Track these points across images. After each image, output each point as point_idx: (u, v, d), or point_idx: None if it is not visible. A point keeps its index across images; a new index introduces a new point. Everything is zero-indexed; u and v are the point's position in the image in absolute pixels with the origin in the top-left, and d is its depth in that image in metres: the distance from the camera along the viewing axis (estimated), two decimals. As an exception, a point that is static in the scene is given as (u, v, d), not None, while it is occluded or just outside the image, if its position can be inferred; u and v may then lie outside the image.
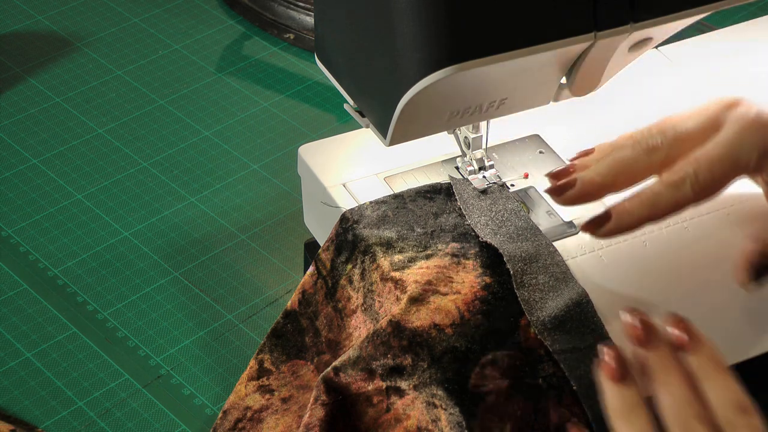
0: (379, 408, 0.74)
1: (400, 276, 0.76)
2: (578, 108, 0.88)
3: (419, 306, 0.74)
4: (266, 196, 1.03)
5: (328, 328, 0.80)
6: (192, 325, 0.92)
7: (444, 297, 0.75)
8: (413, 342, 0.73)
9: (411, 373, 0.73)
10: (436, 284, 0.75)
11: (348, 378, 0.75)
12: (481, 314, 0.74)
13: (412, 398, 0.73)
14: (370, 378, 0.75)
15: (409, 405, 0.73)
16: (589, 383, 0.72)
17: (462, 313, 0.74)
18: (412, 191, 0.83)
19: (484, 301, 0.75)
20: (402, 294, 0.75)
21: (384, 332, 0.74)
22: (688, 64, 0.96)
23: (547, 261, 0.77)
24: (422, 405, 0.73)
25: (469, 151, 0.84)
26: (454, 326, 0.74)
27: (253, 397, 0.80)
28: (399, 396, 0.74)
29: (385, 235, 0.79)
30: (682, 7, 0.73)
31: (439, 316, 0.74)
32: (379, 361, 0.74)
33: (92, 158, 1.07)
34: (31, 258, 0.97)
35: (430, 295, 0.75)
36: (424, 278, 0.75)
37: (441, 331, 0.73)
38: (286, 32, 1.20)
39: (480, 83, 0.73)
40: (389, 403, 0.74)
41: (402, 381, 0.74)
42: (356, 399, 0.75)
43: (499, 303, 0.75)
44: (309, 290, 0.81)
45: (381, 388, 0.74)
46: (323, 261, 0.81)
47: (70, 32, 1.21)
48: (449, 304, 0.74)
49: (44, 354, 0.90)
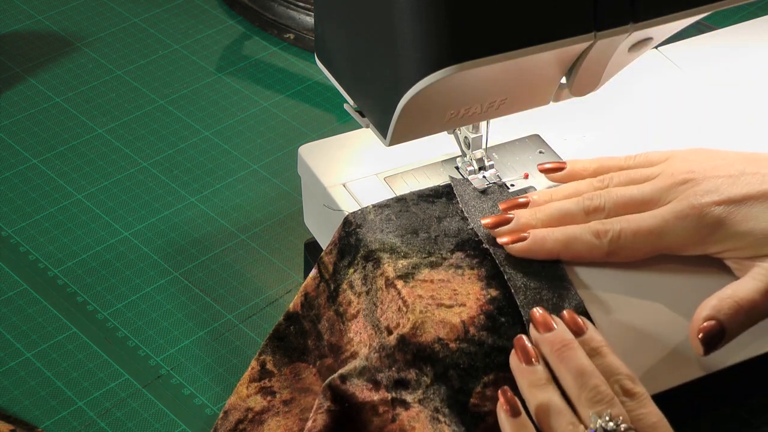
0: (384, 418, 0.74)
1: (404, 288, 0.76)
2: (578, 108, 0.88)
3: (424, 319, 0.74)
4: (266, 196, 1.03)
5: (330, 331, 0.80)
6: (192, 325, 0.92)
7: (449, 310, 0.74)
8: (417, 356, 0.73)
9: (415, 387, 0.73)
10: (439, 297, 0.75)
11: (354, 387, 0.75)
12: (486, 330, 0.74)
13: (417, 411, 0.73)
14: (375, 388, 0.74)
15: (414, 417, 0.73)
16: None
17: (467, 328, 0.74)
18: (414, 194, 0.82)
19: (490, 317, 0.74)
20: (405, 306, 0.75)
21: (389, 345, 0.74)
22: (688, 64, 0.96)
23: (551, 274, 0.77)
24: (426, 419, 0.72)
25: (469, 151, 0.84)
26: (458, 341, 0.73)
27: (255, 399, 0.80)
28: (404, 408, 0.73)
29: (389, 240, 0.79)
30: (682, 7, 0.73)
31: (444, 330, 0.73)
32: (384, 373, 0.74)
33: (92, 158, 1.07)
34: (31, 258, 0.97)
35: (434, 309, 0.74)
36: (428, 293, 0.75)
37: (445, 346, 0.73)
38: (286, 32, 1.20)
39: (480, 83, 0.73)
40: (395, 413, 0.74)
41: (407, 394, 0.73)
42: (362, 407, 0.75)
43: (504, 319, 0.75)
44: (311, 293, 0.81)
45: (387, 399, 0.74)
46: (326, 264, 0.81)
47: (70, 32, 1.21)
48: (454, 318, 0.74)
49: (44, 354, 0.90)
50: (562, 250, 0.77)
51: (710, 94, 0.93)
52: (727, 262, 0.78)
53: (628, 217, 0.78)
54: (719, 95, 0.93)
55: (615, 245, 0.77)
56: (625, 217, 0.78)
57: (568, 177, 0.83)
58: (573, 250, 0.77)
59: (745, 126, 0.90)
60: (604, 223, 0.77)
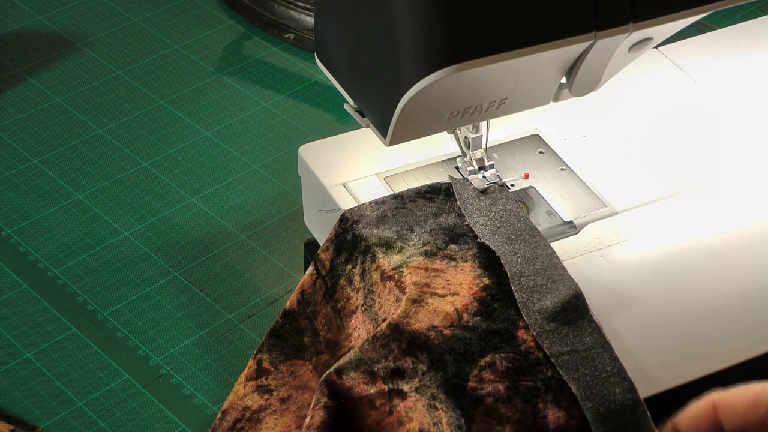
0: (381, 411, 0.74)
1: (399, 277, 0.76)
2: (578, 108, 0.88)
3: (418, 308, 0.74)
4: (266, 196, 1.03)
5: (327, 328, 0.80)
6: (192, 325, 0.92)
7: (442, 299, 0.75)
8: (412, 344, 0.73)
9: (411, 376, 0.73)
10: (433, 287, 0.75)
11: (350, 381, 0.75)
12: (480, 316, 0.74)
13: (414, 401, 0.73)
14: (372, 381, 0.75)
15: (411, 407, 0.73)
16: (587, 385, 0.72)
17: (460, 315, 0.74)
18: (411, 191, 0.83)
19: (483, 303, 0.75)
20: (401, 294, 0.75)
21: (384, 335, 0.74)
22: (688, 64, 0.96)
23: (545, 263, 0.77)
24: (424, 408, 0.73)
25: (469, 151, 0.84)
26: (452, 328, 0.73)
27: (252, 397, 0.80)
28: (401, 399, 0.74)
29: (385, 235, 0.79)
30: (682, 7, 0.72)
31: (437, 318, 0.74)
32: (380, 364, 0.74)
33: (92, 158, 1.07)
34: (31, 258, 0.97)
35: (428, 297, 0.75)
36: (423, 280, 0.75)
37: (439, 333, 0.73)
38: (286, 32, 1.20)
39: (480, 83, 0.73)
40: (392, 405, 0.74)
41: (403, 384, 0.74)
42: (359, 402, 0.75)
43: (498, 305, 0.75)
44: (308, 290, 0.81)
45: (383, 390, 0.74)
46: (322, 261, 0.81)
47: (70, 32, 1.21)
48: (447, 306, 0.74)
49: (44, 354, 0.90)
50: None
51: (710, 94, 0.93)
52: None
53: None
54: (719, 95, 0.93)
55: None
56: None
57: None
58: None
59: (745, 126, 0.90)
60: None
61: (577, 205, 0.84)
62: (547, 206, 0.84)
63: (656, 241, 0.81)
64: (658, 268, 0.80)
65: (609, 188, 0.86)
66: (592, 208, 0.84)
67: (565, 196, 0.85)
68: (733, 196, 0.85)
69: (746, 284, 0.79)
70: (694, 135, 0.89)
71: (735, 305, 0.78)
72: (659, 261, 0.80)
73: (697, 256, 0.81)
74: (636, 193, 0.85)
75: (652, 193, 0.85)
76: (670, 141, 0.89)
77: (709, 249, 0.81)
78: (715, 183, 0.86)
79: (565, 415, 0.72)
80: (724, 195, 0.85)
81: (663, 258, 0.80)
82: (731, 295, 0.79)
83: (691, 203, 0.84)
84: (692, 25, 0.78)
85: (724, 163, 0.87)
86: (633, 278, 0.79)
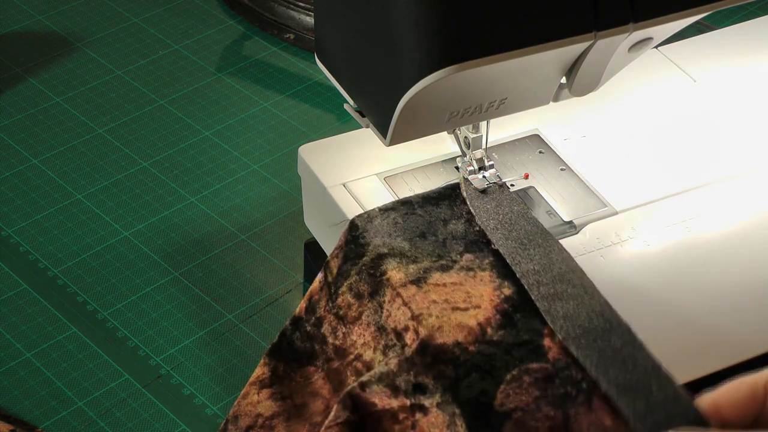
0: (404, 425, 0.74)
1: (418, 294, 0.75)
2: (578, 108, 0.88)
3: (441, 324, 0.74)
4: (266, 196, 1.03)
5: (334, 335, 0.80)
6: (192, 325, 0.92)
7: (464, 312, 0.74)
8: (437, 360, 0.73)
9: (433, 392, 0.73)
10: (454, 301, 0.75)
11: (374, 395, 0.74)
12: (504, 329, 0.73)
13: (435, 416, 0.73)
14: (394, 395, 0.74)
15: (433, 423, 0.73)
16: (621, 385, 0.71)
17: (484, 329, 0.73)
18: (419, 197, 0.82)
19: (505, 315, 0.74)
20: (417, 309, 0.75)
21: (408, 349, 0.73)
22: (688, 64, 0.96)
23: (562, 268, 0.77)
24: (444, 425, 0.72)
25: (469, 151, 0.84)
26: (477, 344, 0.73)
27: (265, 405, 0.79)
28: (423, 413, 0.73)
29: (398, 245, 0.78)
30: (682, 7, 0.72)
31: (461, 333, 0.73)
32: (402, 378, 0.74)
33: (92, 158, 1.07)
34: (31, 258, 0.97)
35: (450, 312, 0.74)
36: (442, 297, 0.75)
37: (464, 350, 0.73)
38: (286, 32, 1.20)
39: (480, 83, 0.73)
40: (414, 420, 0.73)
41: (425, 399, 0.73)
42: (382, 416, 0.74)
43: (520, 315, 0.74)
44: (315, 296, 0.81)
45: (406, 405, 0.74)
46: (331, 268, 0.81)
47: (70, 32, 1.21)
48: (470, 320, 0.74)
49: (44, 354, 0.90)
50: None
51: (710, 94, 0.94)
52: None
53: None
54: (719, 95, 0.93)
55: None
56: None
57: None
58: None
59: (745, 126, 0.90)
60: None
61: (577, 205, 0.84)
62: (547, 206, 0.84)
63: (656, 241, 0.81)
64: (658, 268, 0.80)
65: (609, 188, 0.86)
66: (592, 208, 0.84)
67: (565, 196, 0.85)
68: (733, 195, 0.85)
69: (746, 284, 0.79)
70: (694, 135, 0.89)
71: (735, 305, 0.78)
72: (659, 261, 0.80)
73: (697, 256, 0.81)
74: (636, 193, 0.85)
75: (652, 193, 0.85)
76: (670, 141, 0.89)
77: (709, 249, 0.81)
78: (715, 183, 0.86)
79: (599, 418, 0.71)
80: (724, 195, 0.85)
81: (663, 258, 0.80)
82: (731, 295, 0.79)
83: (691, 203, 0.84)
84: (692, 25, 0.78)
85: (724, 163, 0.87)
86: (633, 278, 0.79)
